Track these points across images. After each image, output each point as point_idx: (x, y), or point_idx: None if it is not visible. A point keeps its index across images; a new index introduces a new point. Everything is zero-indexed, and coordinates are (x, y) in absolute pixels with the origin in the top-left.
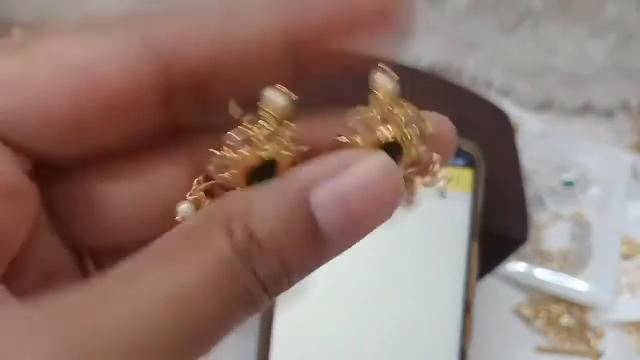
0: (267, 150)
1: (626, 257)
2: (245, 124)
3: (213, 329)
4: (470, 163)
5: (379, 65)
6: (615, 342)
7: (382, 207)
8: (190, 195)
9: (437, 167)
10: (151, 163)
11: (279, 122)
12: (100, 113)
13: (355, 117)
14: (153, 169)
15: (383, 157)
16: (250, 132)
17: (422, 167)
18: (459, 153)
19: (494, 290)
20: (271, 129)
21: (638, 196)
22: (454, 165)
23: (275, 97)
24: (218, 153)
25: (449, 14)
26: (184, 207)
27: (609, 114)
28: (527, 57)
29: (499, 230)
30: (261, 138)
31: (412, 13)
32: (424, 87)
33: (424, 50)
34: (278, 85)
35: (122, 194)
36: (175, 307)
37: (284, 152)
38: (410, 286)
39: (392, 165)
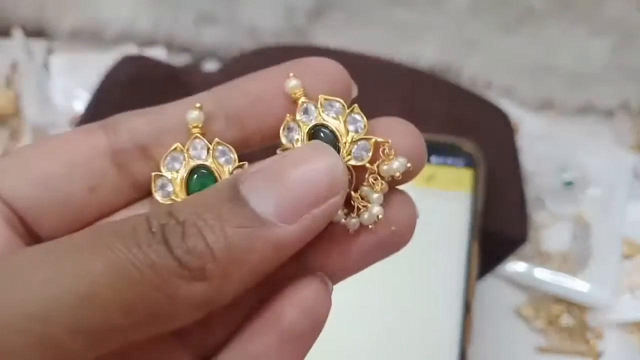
0: (198, 161)
1: (627, 257)
2: (176, 147)
3: (124, 314)
4: (470, 163)
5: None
6: (616, 342)
7: (316, 182)
8: None
9: (389, 150)
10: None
11: (201, 131)
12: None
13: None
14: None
15: (314, 142)
16: (179, 152)
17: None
18: (459, 153)
19: (494, 290)
20: (201, 141)
21: (639, 197)
22: (455, 165)
23: (190, 113)
24: (157, 174)
25: (449, 14)
26: None
27: (609, 114)
28: (528, 57)
29: (498, 230)
30: (191, 153)
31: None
32: (424, 88)
33: (424, 50)
34: (197, 104)
35: None
36: (80, 294)
37: (216, 161)
38: (410, 286)
39: (323, 146)
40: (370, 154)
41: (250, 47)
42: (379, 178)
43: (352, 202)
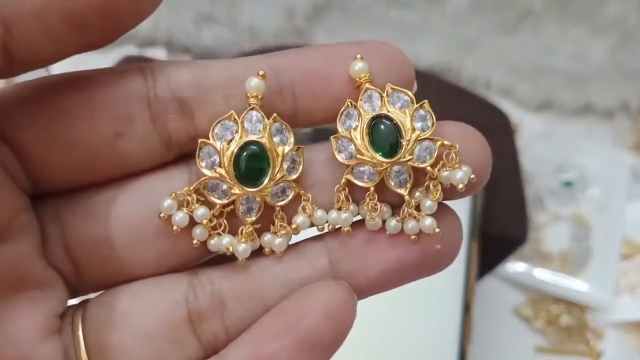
0: (252, 136)
1: (626, 257)
2: (230, 115)
3: None
4: None
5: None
6: (615, 342)
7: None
8: (177, 195)
9: (454, 156)
10: (151, 181)
11: (260, 103)
12: None
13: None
14: (153, 185)
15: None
16: (232, 121)
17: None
18: None
19: (493, 290)
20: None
21: (638, 197)
22: None
23: (251, 80)
24: (204, 141)
25: (449, 15)
26: (167, 204)
27: (609, 114)
28: (527, 57)
29: (498, 231)
30: (245, 125)
31: None
32: (424, 88)
33: (424, 51)
34: (260, 72)
35: (123, 211)
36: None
37: (270, 137)
38: (410, 286)
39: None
40: (434, 157)
41: (250, 47)
42: (438, 185)
43: (405, 206)
